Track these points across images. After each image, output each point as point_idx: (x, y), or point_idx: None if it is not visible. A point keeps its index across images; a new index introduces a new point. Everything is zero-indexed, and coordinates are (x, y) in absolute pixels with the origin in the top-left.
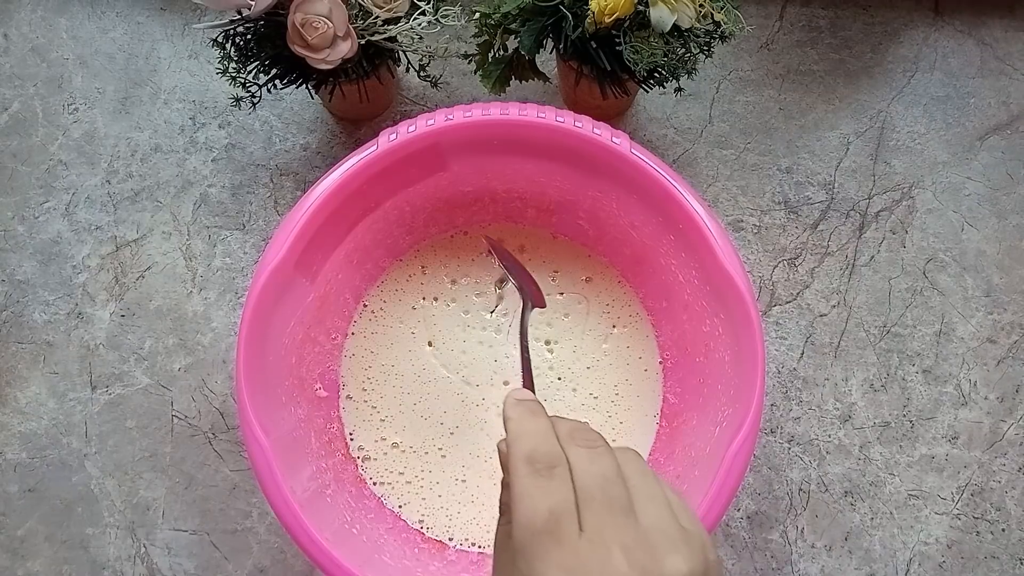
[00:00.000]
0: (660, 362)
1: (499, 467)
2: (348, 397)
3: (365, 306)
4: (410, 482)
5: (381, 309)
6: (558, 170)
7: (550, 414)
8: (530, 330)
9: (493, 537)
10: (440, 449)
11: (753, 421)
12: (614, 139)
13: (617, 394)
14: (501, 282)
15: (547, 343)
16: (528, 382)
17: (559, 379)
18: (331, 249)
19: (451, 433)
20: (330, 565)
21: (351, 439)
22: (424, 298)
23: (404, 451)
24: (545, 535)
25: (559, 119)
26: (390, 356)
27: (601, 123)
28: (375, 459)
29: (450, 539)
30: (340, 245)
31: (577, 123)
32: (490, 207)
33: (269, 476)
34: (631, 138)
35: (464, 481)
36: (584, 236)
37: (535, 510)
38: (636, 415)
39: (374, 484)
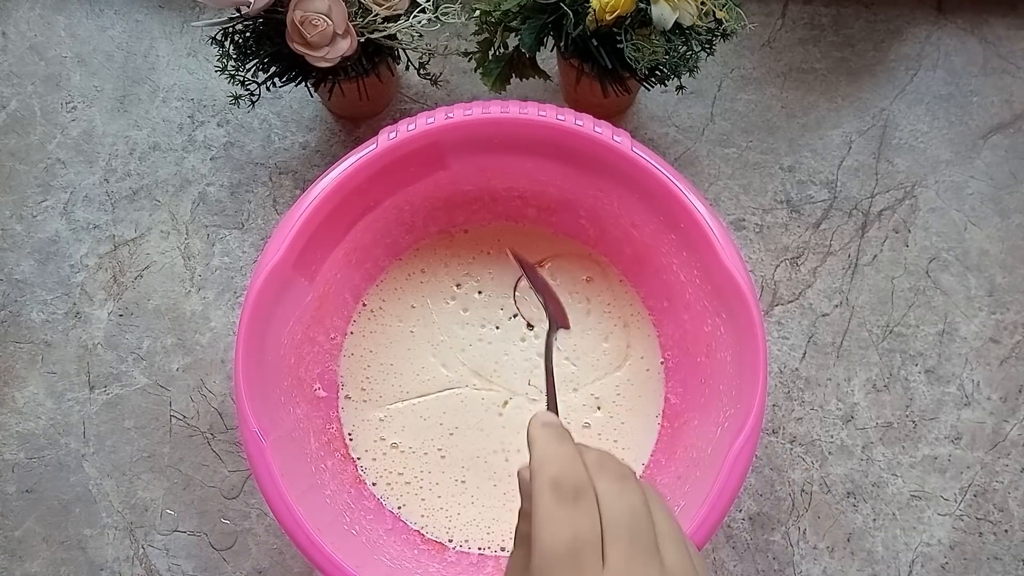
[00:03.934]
0: (662, 362)
1: (498, 468)
2: (347, 397)
3: (364, 305)
4: (409, 483)
5: (380, 308)
6: (559, 169)
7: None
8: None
9: (501, 548)
10: (440, 450)
11: (755, 421)
12: (615, 137)
13: (618, 394)
14: (519, 283)
15: None
16: (552, 405)
17: (560, 379)
18: (330, 248)
19: (451, 434)
20: (329, 566)
21: (350, 439)
22: (424, 297)
23: (403, 451)
24: (566, 565)
25: (559, 117)
26: (389, 355)
27: (602, 121)
28: (374, 459)
29: (450, 540)
30: (339, 244)
31: (578, 121)
32: (490, 206)
33: (268, 477)
34: (632, 136)
35: (464, 482)
36: (585, 235)
37: (558, 536)
38: (638, 415)
39: (373, 485)
